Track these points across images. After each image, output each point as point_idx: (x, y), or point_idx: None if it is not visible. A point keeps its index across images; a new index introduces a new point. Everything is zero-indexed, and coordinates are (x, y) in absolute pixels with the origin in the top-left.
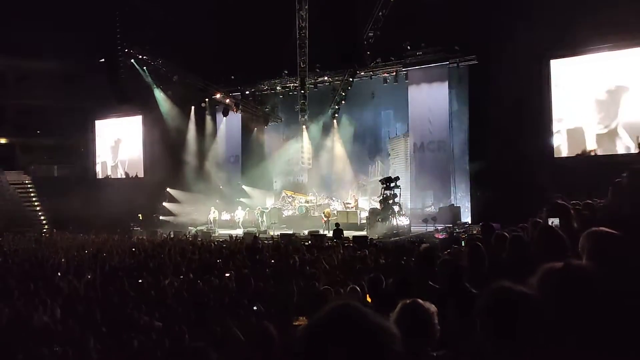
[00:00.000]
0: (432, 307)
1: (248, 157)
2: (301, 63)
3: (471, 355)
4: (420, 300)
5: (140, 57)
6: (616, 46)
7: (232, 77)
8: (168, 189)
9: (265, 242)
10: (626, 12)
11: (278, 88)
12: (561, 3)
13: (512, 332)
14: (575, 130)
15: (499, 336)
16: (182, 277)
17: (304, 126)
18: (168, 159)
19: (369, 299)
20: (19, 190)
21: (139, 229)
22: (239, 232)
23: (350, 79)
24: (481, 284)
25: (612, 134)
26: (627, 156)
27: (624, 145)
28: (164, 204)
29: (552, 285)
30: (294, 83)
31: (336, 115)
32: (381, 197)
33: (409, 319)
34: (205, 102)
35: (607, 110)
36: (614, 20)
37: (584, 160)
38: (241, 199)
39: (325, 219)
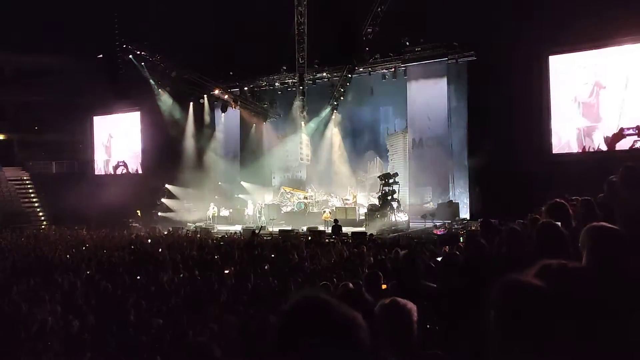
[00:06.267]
0: (410, 305)
1: (247, 153)
2: (300, 59)
3: (471, 355)
4: (398, 299)
5: (139, 52)
6: (616, 42)
7: (231, 73)
8: (166, 185)
9: (264, 238)
10: (626, 7)
11: (277, 84)
12: None
13: (529, 331)
14: (574, 126)
15: (514, 336)
16: (181, 273)
17: (302, 122)
18: (166, 155)
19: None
20: (17, 187)
21: (137, 225)
22: (238, 228)
23: (349, 75)
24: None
25: (612, 130)
26: (628, 152)
27: (624, 141)
28: (163, 200)
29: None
30: (292, 79)
31: (335, 111)
32: (380, 193)
33: (388, 318)
34: (203, 98)
35: (606, 107)
36: (614, 16)
37: (582, 157)
38: (240, 195)
39: (324, 217)
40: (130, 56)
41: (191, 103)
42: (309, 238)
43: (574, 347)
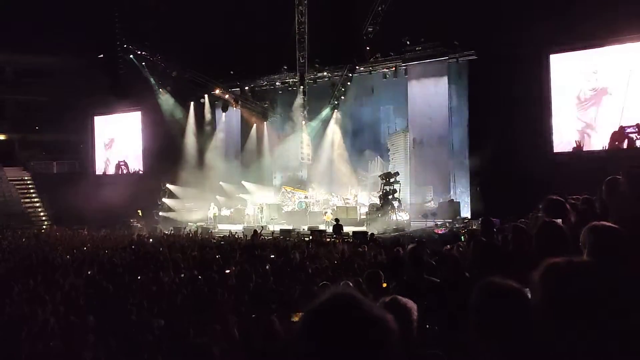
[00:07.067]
0: (410, 304)
1: (247, 152)
2: (300, 58)
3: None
4: (399, 297)
5: (139, 52)
6: (618, 40)
7: (231, 72)
8: (167, 185)
9: (265, 237)
10: (627, 5)
11: (277, 83)
12: None
13: (499, 332)
14: (575, 125)
15: (487, 336)
16: (182, 273)
17: (303, 122)
18: (167, 155)
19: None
20: (18, 187)
21: (138, 224)
22: (239, 227)
23: (350, 74)
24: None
25: (613, 129)
26: (629, 151)
27: (625, 140)
28: (164, 199)
29: (554, 281)
30: (293, 78)
31: (336, 110)
32: (381, 193)
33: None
34: (204, 97)
35: (607, 105)
36: (615, 14)
37: (583, 156)
38: (241, 195)
39: (325, 217)
40: (131, 56)
41: (192, 103)
42: (310, 237)
43: (563, 347)
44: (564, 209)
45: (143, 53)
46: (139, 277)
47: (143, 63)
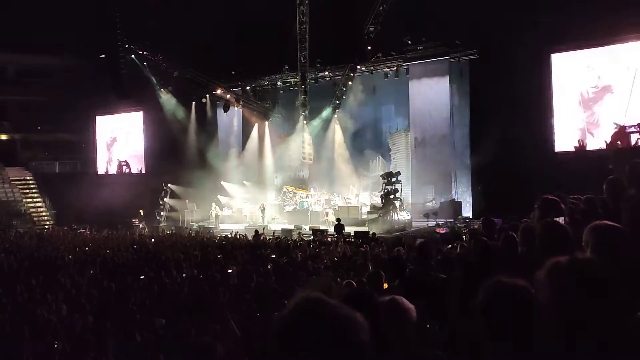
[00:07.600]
0: (408, 304)
1: (249, 152)
2: (302, 58)
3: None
4: (397, 297)
5: (141, 52)
6: (621, 39)
7: (233, 72)
8: (169, 185)
9: (267, 237)
10: (630, 4)
11: (279, 83)
12: None
13: (506, 333)
14: (577, 124)
15: (496, 337)
16: (184, 273)
17: (304, 121)
18: (169, 155)
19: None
20: (21, 187)
21: (140, 224)
22: (240, 227)
23: (351, 74)
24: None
25: (615, 128)
26: (631, 150)
27: (627, 139)
28: (165, 199)
29: (558, 280)
30: (294, 78)
31: (337, 110)
32: (382, 192)
33: (386, 316)
34: (206, 97)
35: (610, 105)
36: (617, 12)
37: (585, 155)
38: (242, 194)
39: (326, 217)
40: (132, 56)
41: (193, 102)
42: (312, 237)
43: (565, 347)
44: (559, 208)
45: (144, 53)
46: (141, 277)
47: (144, 63)
